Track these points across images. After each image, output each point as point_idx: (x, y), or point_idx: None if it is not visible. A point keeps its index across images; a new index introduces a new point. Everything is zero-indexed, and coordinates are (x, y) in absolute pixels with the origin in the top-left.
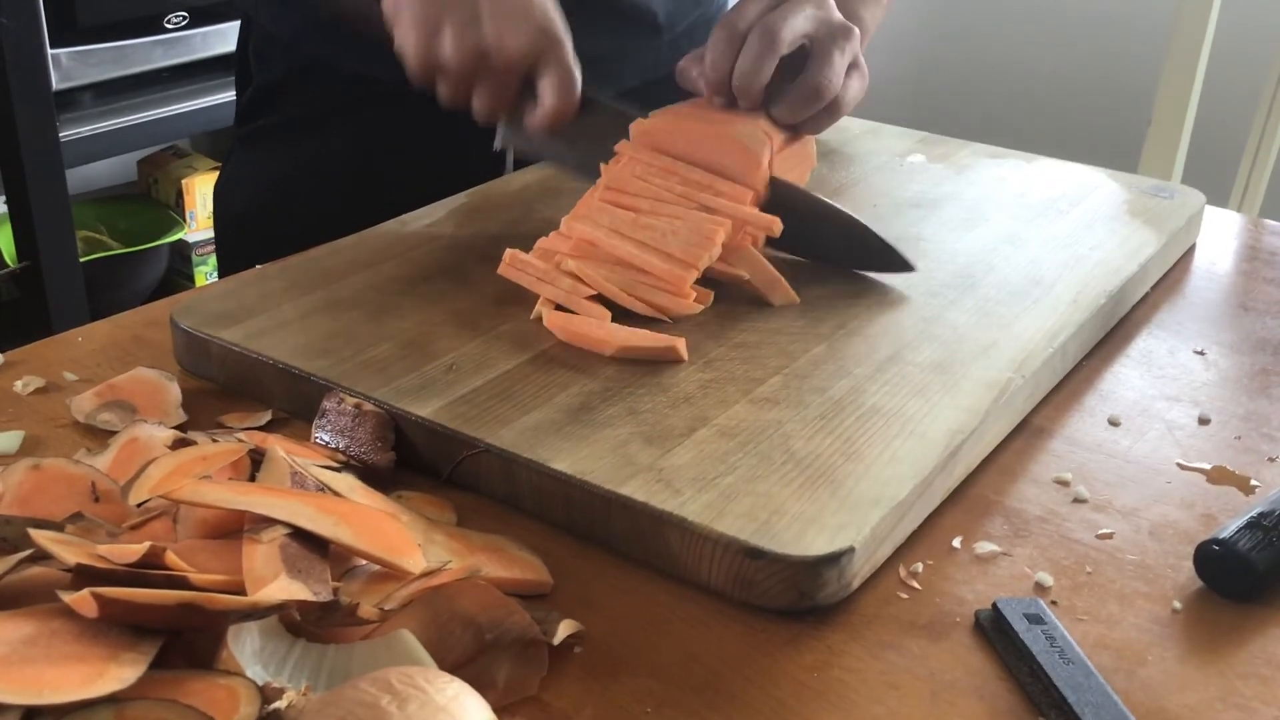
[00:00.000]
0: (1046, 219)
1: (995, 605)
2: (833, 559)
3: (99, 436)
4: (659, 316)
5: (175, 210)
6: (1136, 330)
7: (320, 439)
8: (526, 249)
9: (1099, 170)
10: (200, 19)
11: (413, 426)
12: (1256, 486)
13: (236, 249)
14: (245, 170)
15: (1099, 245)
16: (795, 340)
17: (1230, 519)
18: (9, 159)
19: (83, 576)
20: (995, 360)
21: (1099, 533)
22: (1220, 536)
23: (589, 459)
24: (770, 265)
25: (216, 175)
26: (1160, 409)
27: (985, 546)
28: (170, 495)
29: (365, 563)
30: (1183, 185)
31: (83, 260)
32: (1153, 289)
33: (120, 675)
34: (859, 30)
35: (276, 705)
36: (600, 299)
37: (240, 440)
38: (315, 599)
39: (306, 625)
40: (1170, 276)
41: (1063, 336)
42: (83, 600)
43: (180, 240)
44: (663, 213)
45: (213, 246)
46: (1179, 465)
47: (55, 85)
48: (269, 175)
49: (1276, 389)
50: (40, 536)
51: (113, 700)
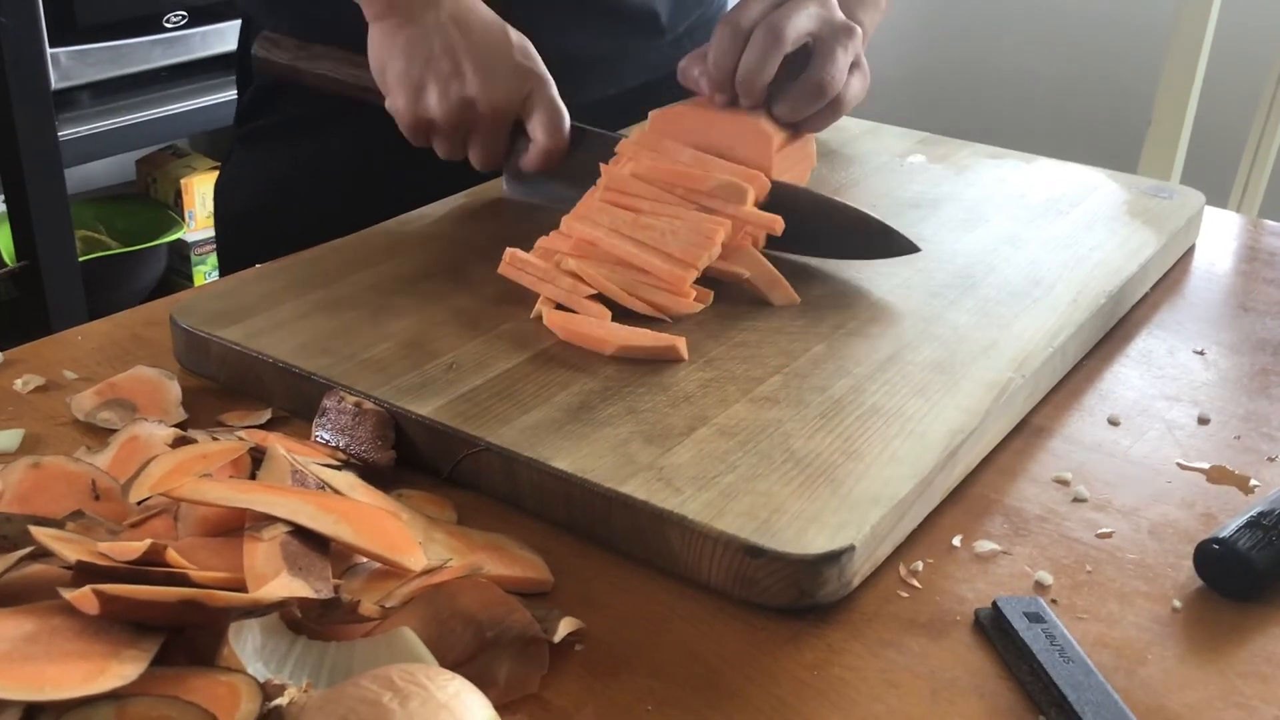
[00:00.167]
0: (1046, 219)
1: (995, 604)
2: (833, 557)
3: (99, 435)
4: (659, 316)
5: (174, 210)
6: (1136, 330)
7: (320, 437)
8: (527, 248)
9: (1099, 171)
10: (200, 18)
11: (413, 425)
12: (1256, 486)
13: (236, 248)
14: (245, 170)
15: (1099, 245)
16: (795, 339)
17: (1230, 518)
18: (8, 159)
19: (84, 574)
20: (995, 360)
21: (1099, 532)
22: (1220, 536)
23: (589, 458)
24: (770, 265)
25: (215, 175)
26: (1160, 409)
27: (985, 545)
28: (171, 493)
29: (366, 560)
30: (1182, 185)
31: (82, 260)
32: (1152, 289)
33: (121, 672)
34: (861, 29)
35: (278, 702)
36: (600, 298)
37: (240, 438)
38: (316, 596)
39: (307, 623)
40: (1170, 277)
41: (1063, 336)
42: (84, 597)
43: (179, 240)
44: (663, 213)
45: (212, 246)
46: (1179, 465)
47: (54, 85)
48: (269, 175)
49: (1276, 389)
50: (41, 534)
51: (114, 697)
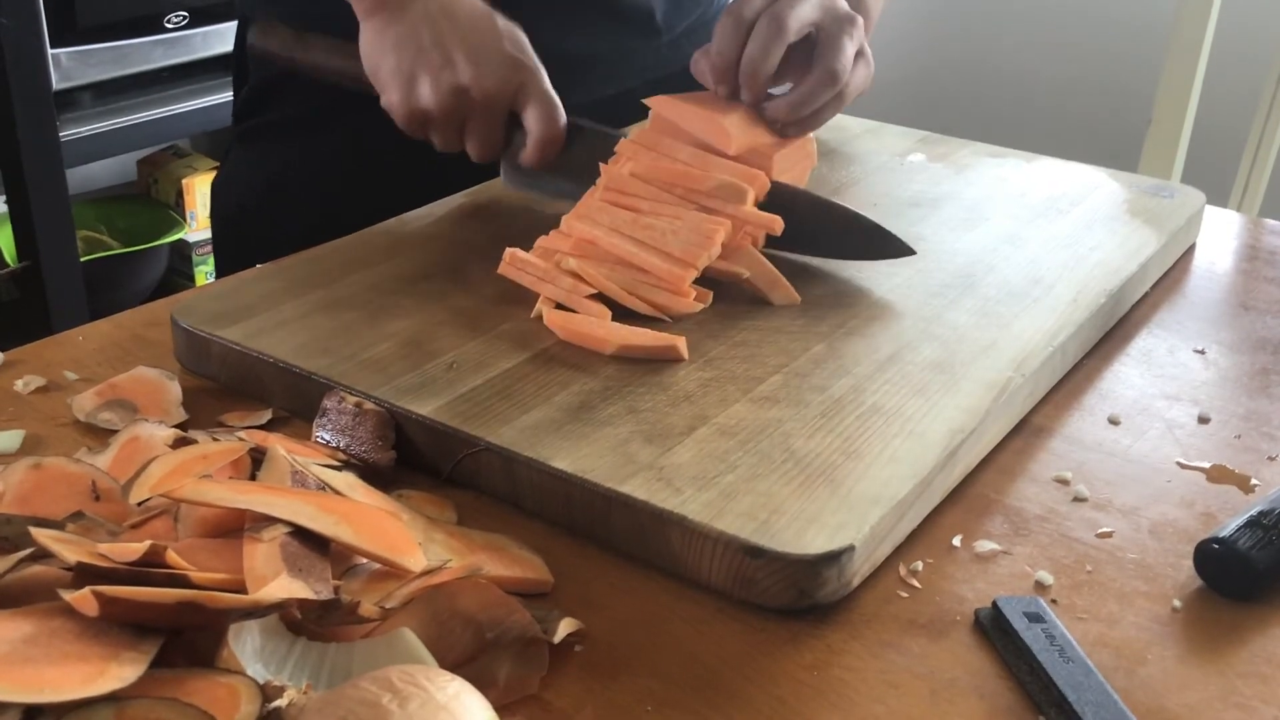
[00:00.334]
0: (1046, 219)
1: (995, 604)
2: (832, 557)
3: (99, 435)
4: (659, 315)
5: (175, 210)
6: (1136, 329)
7: (321, 438)
8: (526, 248)
9: (1099, 170)
10: (200, 19)
11: (413, 425)
12: (1256, 485)
13: (233, 247)
14: (242, 168)
15: (1099, 245)
16: (795, 339)
17: (1230, 518)
18: (9, 159)
19: (83, 575)
20: (995, 360)
21: (1099, 531)
22: (1220, 535)
23: (589, 457)
24: (771, 265)
25: (216, 173)
26: (1160, 408)
27: (985, 545)
28: (171, 494)
29: (366, 561)
30: (1183, 185)
31: (83, 260)
32: (1153, 288)
33: (121, 674)
34: (863, 19)
35: (277, 704)
36: (600, 298)
37: (241, 439)
38: (316, 597)
39: (307, 624)
40: (1170, 276)
41: (1063, 336)
42: (83, 599)
43: (180, 240)
44: (663, 212)
45: (212, 246)
46: (1179, 464)
47: (55, 85)
48: (266, 173)
49: (1276, 388)
50: (41, 535)
51: (113, 699)
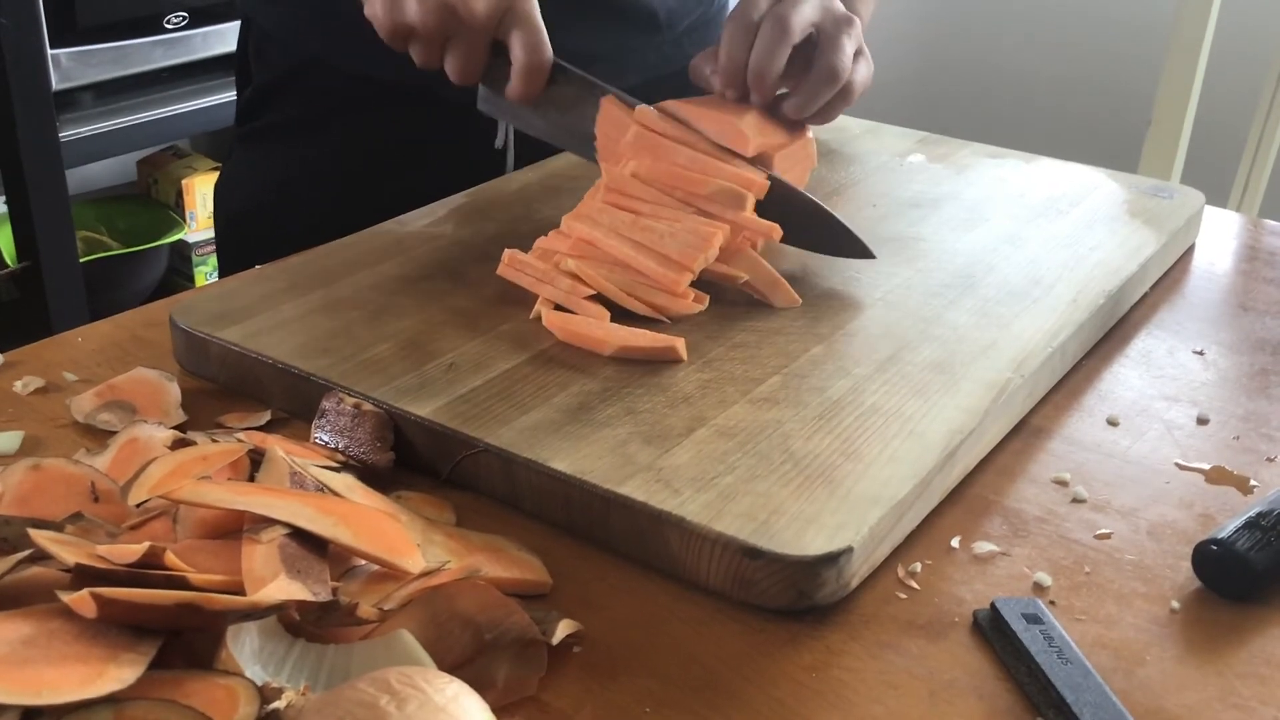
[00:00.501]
0: (1046, 219)
1: (994, 605)
2: (831, 559)
3: (99, 436)
4: (658, 317)
5: (175, 210)
6: (1136, 330)
7: (319, 439)
8: (526, 249)
9: (1099, 170)
10: (200, 19)
11: (412, 426)
12: (1255, 486)
13: (236, 248)
14: (245, 169)
15: (1099, 245)
16: (794, 340)
17: (1229, 519)
18: (9, 159)
19: (82, 576)
20: (994, 360)
21: (1097, 533)
22: (1219, 536)
23: (588, 459)
24: (770, 267)
25: (216, 175)
26: (1159, 409)
27: (984, 546)
28: (170, 495)
29: (364, 563)
30: (1182, 185)
31: (83, 260)
32: (1152, 289)
33: (119, 675)
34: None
35: (275, 705)
36: (599, 299)
37: (240, 440)
38: (314, 599)
39: (306, 625)
40: (1169, 276)
41: (1062, 336)
42: (82, 600)
43: (180, 240)
44: (662, 215)
45: (213, 247)
46: (1178, 465)
47: (55, 85)
48: (268, 174)
49: (1275, 389)
50: (40, 536)
51: (112, 700)
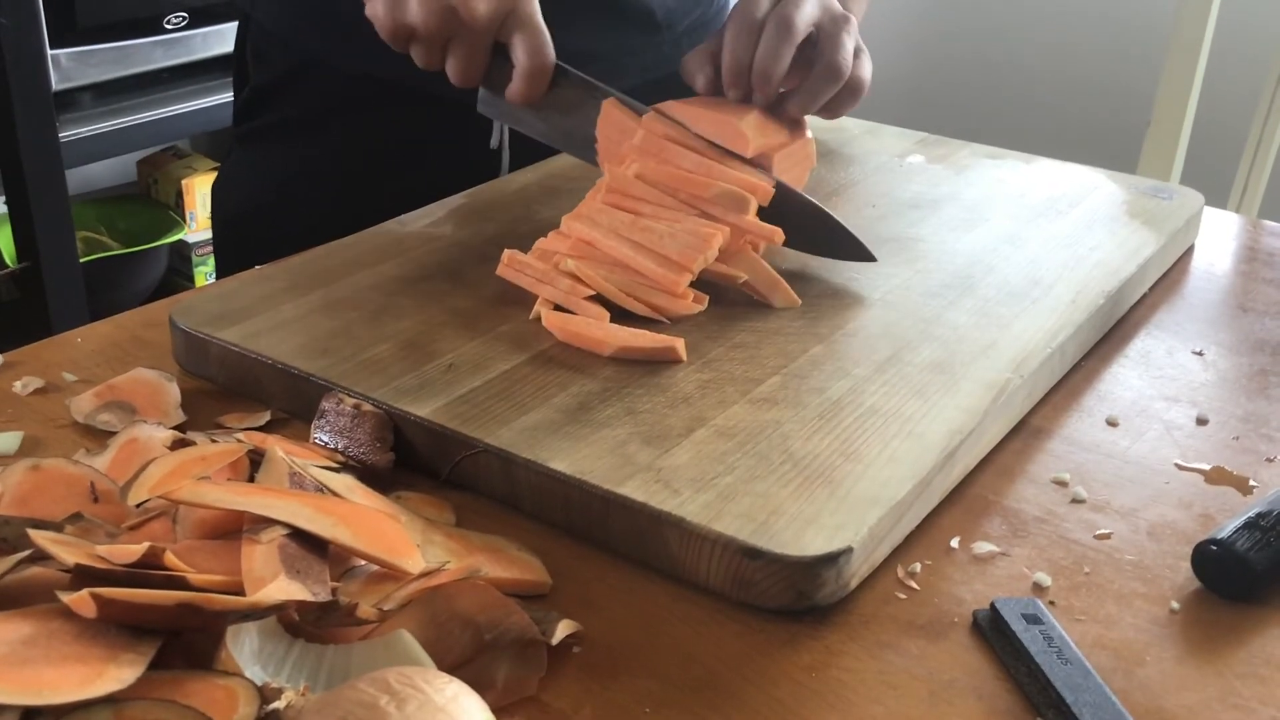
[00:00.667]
0: (1046, 219)
1: (993, 605)
2: (831, 559)
3: (98, 437)
4: (657, 317)
5: (175, 211)
6: (1135, 331)
7: (319, 439)
8: (525, 249)
9: (1098, 170)
10: (200, 19)
11: (411, 427)
12: (1255, 487)
13: (234, 249)
14: (243, 170)
15: (1098, 246)
16: (794, 340)
17: (1228, 519)
18: (9, 159)
19: (82, 577)
20: (994, 360)
21: (1097, 533)
22: (1218, 537)
23: (588, 459)
24: (770, 268)
25: (216, 174)
26: (1159, 409)
27: (983, 547)
28: (169, 496)
29: (364, 563)
30: (1182, 186)
31: (83, 261)
32: (1151, 289)
33: (119, 675)
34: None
35: (275, 705)
36: (599, 299)
37: (239, 440)
38: (314, 599)
39: (305, 625)
40: (1169, 277)
41: (1061, 337)
42: (82, 600)
43: (180, 241)
44: (663, 216)
45: (212, 247)
46: (1177, 465)
47: (55, 85)
48: (267, 175)
49: (1275, 389)
50: (39, 537)
51: (111, 700)
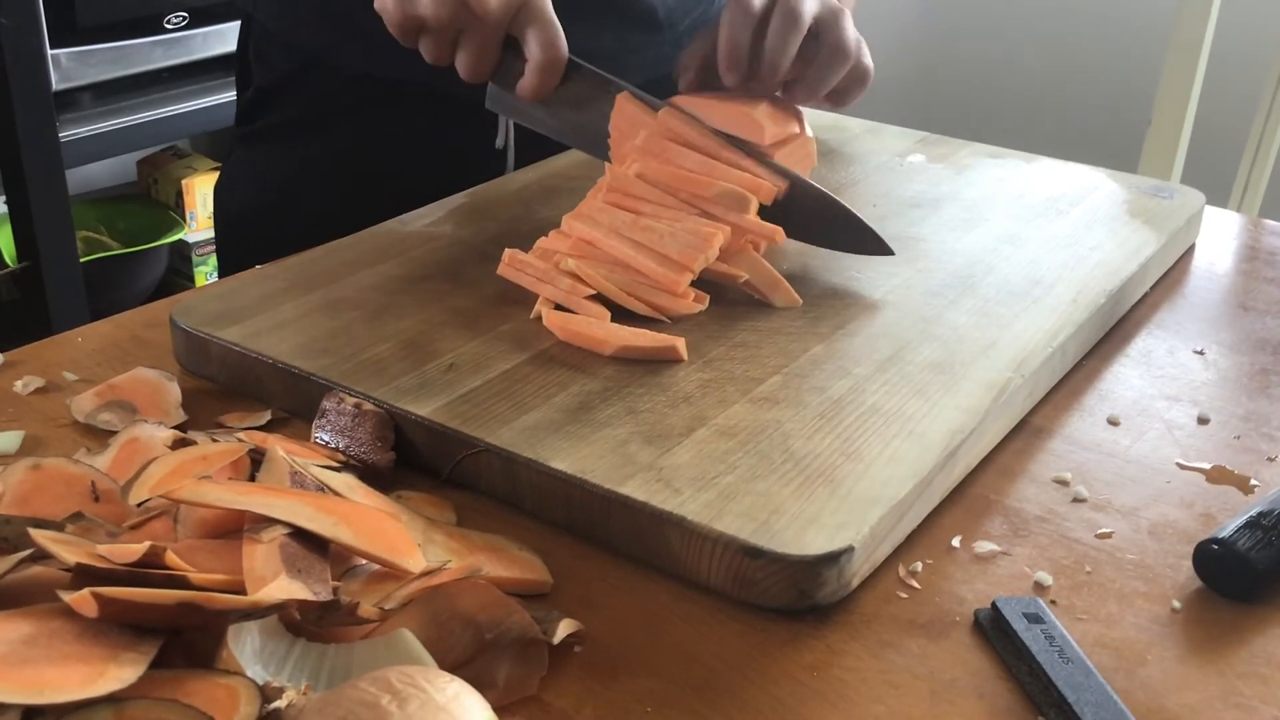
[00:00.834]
0: (1046, 219)
1: (995, 604)
2: (832, 558)
3: (99, 436)
4: (658, 316)
5: (175, 210)
6: (1136, 330)
7: (320, 439)
8: (526, 249)
9: (1099, 170)
10: (200, 19)
11: (412, 426)
12: (1256, 486)
13: (236, 249)
14: (245, 170)
15: (1099, 245)
16: (794, 340)
17: (1229, 518)
18: (9, 159)
19: (83, 576)
20: (995, 360)
21: (1098, 532)
22: (1219, 536)
23: (589, 458)
24: (770, 267)
25: (216, 175)
26: (1160, 409)
27: (985, 546)
28: (170, 495)
29: (365, 562)
30: (1182, 185)
31: (83, 260)
32: (1152, 289)
33: (120, 675)
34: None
35: (276, 705)
36: (600, 299)
37: (240, 440)
38: (315, 598)
39: (306, 625)
40: (1170, 276)
41: (1062, 336)
42: (83, 600)
43: (180, 240)
44: (664, 216)
45: (213, 247)
46: (1178, 465)
47: (55, 85)
48: (269, 175)
49: (1276, 389)
50: (40, 536)
51: (113, 700)
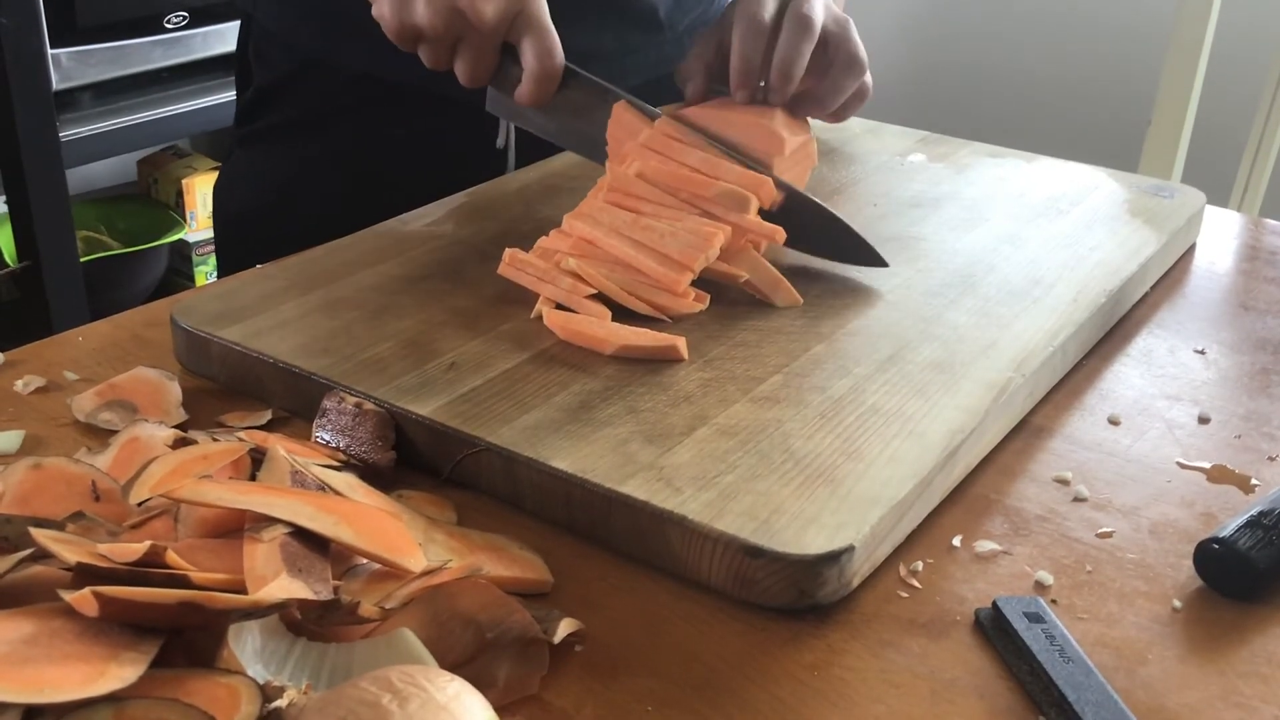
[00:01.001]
0: (1046, 219)
1: (995, 604)
2: (832, 557)
3: (99, 436)
4: (659, 316)
5: (175, 210)
6: (1137, 329)
7: (321, 438)
8: (526, 248)
9: (1099, 170)
10: (200, 19)
11: (413, 425)
12: (1256, 485)
13: (235, 249)
14: (244, 170)
15: (1099, 245)
16: (795, 339)
17: (1230, 518)
18: (9, 159)
19: (83, 575)
20: (995, 360)
21: (1099, 531)
22: (1220, 535)
23: (589, 458)
24: (772, 267)
25: (216, 175)
26: (1160, 408)
27: (985, 545)
28: (171, 494)
29: (366, 561)
30: (1183, 185)
31: (83, 260)
32: (1153, 288)
33: (121, 674)
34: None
35: (277, 704)
36: (600, 298)
37: (241, 439)
38: (316, 598)
39: (307, 624)
40: (1170, 276)
41: (1063, 336)
42: (83, 599)
43: (180, 240)
44: (664, 215)
45: (213, 247)
46: (1179, 464)
47: (55, 85)
48: (268, 175)
49: (1276, 388)
50: (41, 535)
51: (113, 699)
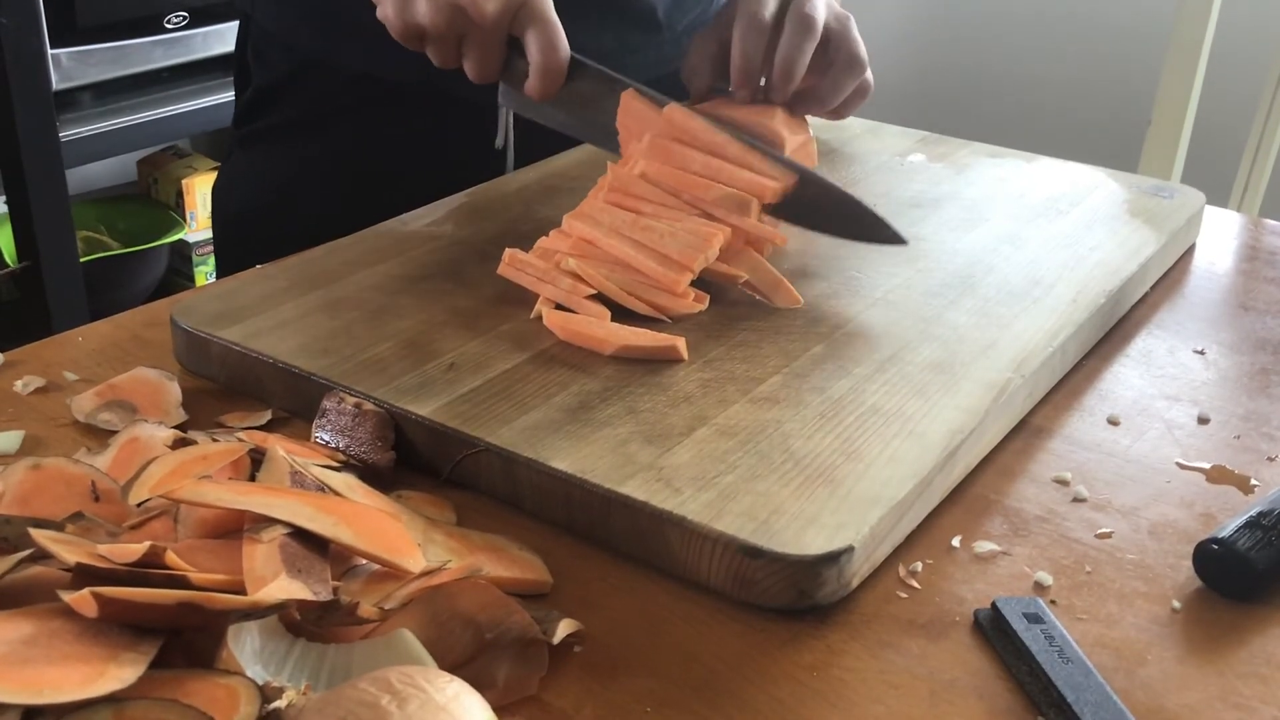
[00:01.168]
0: (1046, 219)
1: (994, 604)
2: (832, 558)
3: (99, 436)
4: (658, 316)
5: (175, 210)
6: (1136, 330)
7: (320, 438)
8: (526, 249)
9: (1099, 170)
10: (200, 19)
11: (413, 426)
12: (1256, 486)
13: (235, 250)
14: (244, 171)
15: (1099, 245)
16: (795, 340)
17: (1230, 518)
18: (9, 159)
19: (83, 576)
20: (995, 360)
21: (1098, 532)
22: (1219, 536)
23: (589, 458)
24: (771, 267)
25: (216, 175)
26: (1160, 408)
27: (985, 546)
28: (170, 495)
29: (365, 562)
30: (1183, 185)
31: (83, 260)
32: (1152, 289)
33: (120, 675)
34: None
35: (276, 705)
36: (600, 298)
37: (240, 440)
38: (315, 598)
39: (306, 625)
40: (1170, 276)
41: (1062, 336)
42: (83, 600)
43: (180, 240)
44: (664, 216)
45: (213, 247)
46: (1178, 465)
47: (55, 85)
48: (268, 176)
49: (1276, 388)
50: (40, 536)
51: (113, 700)
